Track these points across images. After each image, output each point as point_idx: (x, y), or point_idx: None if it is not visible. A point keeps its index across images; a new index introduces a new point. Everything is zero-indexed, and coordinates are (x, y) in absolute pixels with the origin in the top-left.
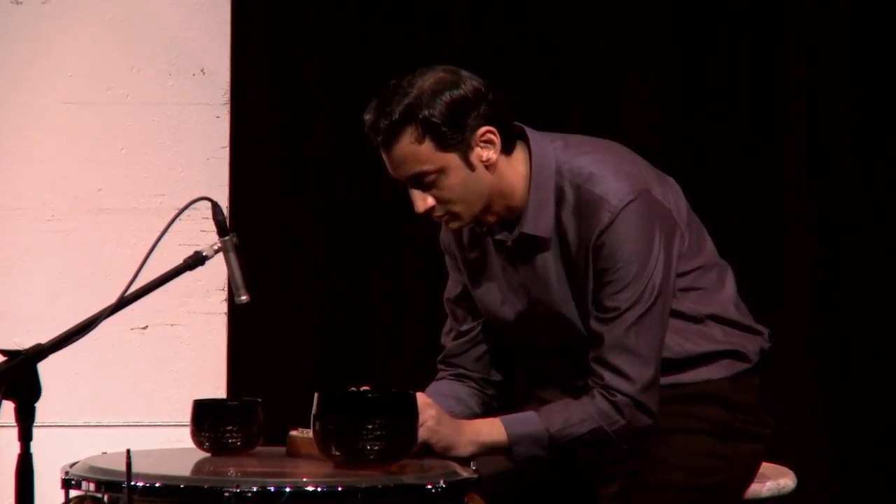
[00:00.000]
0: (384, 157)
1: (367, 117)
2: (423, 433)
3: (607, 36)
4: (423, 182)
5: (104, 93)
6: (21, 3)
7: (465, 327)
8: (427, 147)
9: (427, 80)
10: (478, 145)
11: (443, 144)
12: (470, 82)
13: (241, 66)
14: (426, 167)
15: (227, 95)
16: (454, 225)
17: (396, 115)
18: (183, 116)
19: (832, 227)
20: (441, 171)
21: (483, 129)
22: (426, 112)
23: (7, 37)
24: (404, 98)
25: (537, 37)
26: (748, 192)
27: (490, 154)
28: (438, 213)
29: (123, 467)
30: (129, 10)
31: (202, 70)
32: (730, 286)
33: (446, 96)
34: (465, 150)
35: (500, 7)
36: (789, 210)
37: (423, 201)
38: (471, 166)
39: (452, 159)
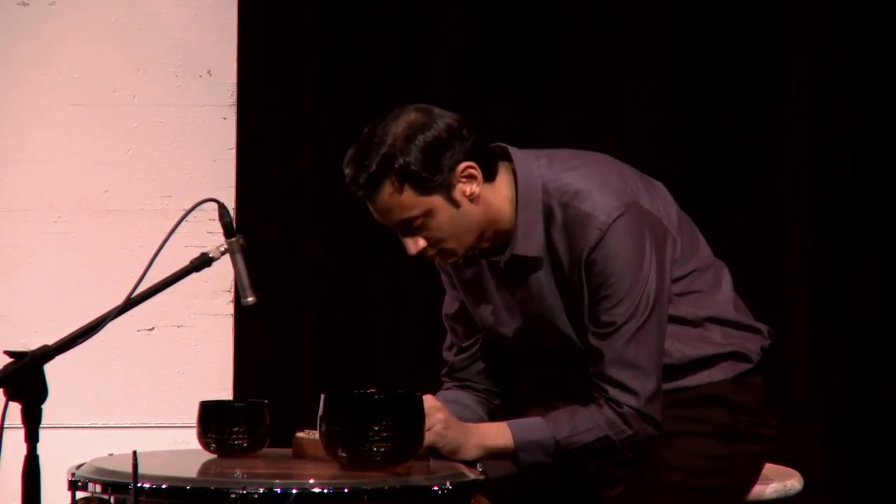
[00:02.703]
0: (370, 207)
1: (346, 171)
2: (430, 437)
3: (607, 36)
4: (412, 226)
5: (110, 94)
6: (27, 4)
7: (465, 343)
8: (408, 194)
9: (399, 126)
10: (459, 182)
11: (424, 189)
12: (442, 121)
13: (248, 67)
14: (411, 213)
15: (234, 97)
16: (450, 260)
17: (373, 168)
18: (189, 118)
19: (832, 226)
20: (427, 213)
21: (462, 165)
22: (402, 161)
23: (13, 38)
24: (380, 148)
25: (537, 37)
26: (748, 192)
27: (473, 188)
28: (431, 252)
29: (130, 469)
30: (135, 12)
31: (208, 71)
32: (727, 286)
33: (420, 140)
34: (447, 190)
35: (500, 7)
36: (789, 210)
37: (415, 244)
38: (455, 204)
39: (436, 201)
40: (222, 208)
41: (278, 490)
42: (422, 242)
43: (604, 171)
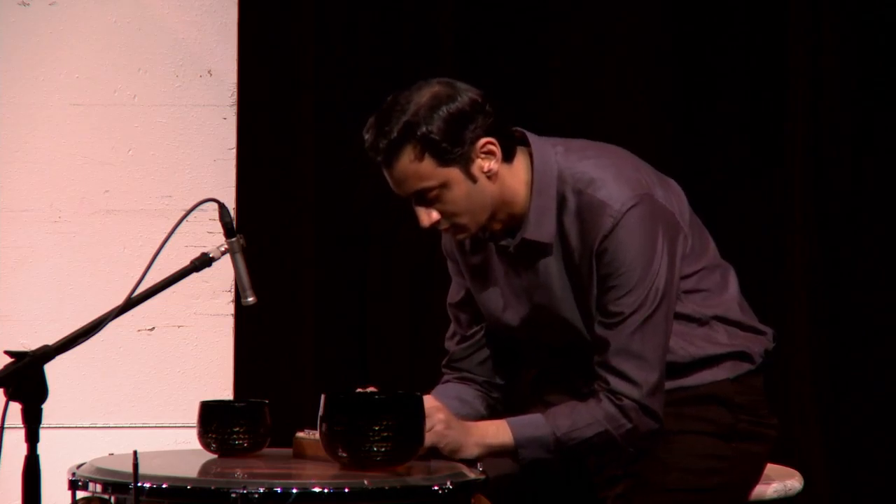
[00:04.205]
0: (386, 175)
1: (367, 136)
2: (431, 437)
3: (606, 36)
4: (427, 197)
5: (111, 94)
6: (28, 4)
7: (469, 332)
8: (427, 163)
9: (423, 95)
10: (478, 157)
11: (443, 160)
12: (466, 94)
13: (248, 67)
14: (428, 183)
15: (234, 97)
16: (461, 236)
17: (395, 134)
18: (190, 118)
19: (832, 227)
20: (443, 185)
21: (482, 140)
22: (424, 129)
23: (14, 38)
24: (402, 115)
25: (535, 36)
26: (748, 192)
27: (491, 164)
28: (444, 226)
29: (130, 468)
30: (136, 12)
31: (209, 71)
32: (733, 287)
33: (443, 111)
34: (465, 163)
35: (500, 7)
36: (789, 210)
37: (428, 216)
38: (473, 178)
39: (454, 173)
40: (222, 208)
41: (278, 490)
42: (435, 215)
43: (619, 162)
